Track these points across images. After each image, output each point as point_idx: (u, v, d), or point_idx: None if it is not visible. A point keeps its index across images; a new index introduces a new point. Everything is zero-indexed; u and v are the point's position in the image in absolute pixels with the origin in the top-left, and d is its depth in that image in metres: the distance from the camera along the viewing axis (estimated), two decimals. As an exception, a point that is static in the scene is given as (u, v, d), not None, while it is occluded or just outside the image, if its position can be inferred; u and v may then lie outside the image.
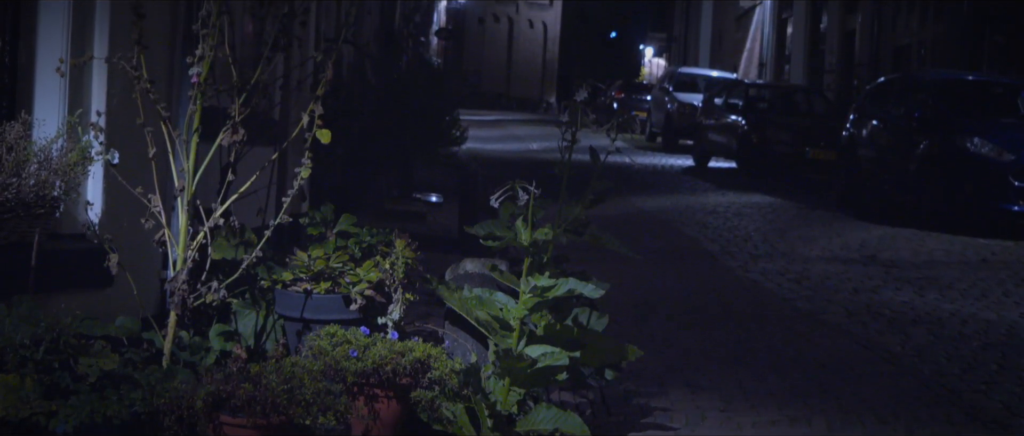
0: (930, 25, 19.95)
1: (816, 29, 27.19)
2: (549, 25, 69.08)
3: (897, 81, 15.06)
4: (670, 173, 19.30)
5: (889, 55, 21.67)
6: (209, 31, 3.75)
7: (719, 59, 37.33)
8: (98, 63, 4.12)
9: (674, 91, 26.04)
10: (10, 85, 4.11)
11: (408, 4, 20.22)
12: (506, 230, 4.02)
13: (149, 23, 3.85)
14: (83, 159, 3.90)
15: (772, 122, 18.23)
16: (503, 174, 6.13)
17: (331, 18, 11.24)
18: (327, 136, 3.93)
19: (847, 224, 12.12)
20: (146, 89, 3.77)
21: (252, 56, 4.21)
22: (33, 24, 4.12)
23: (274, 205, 4.67)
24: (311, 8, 5.28)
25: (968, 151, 11.76)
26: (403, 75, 12.29)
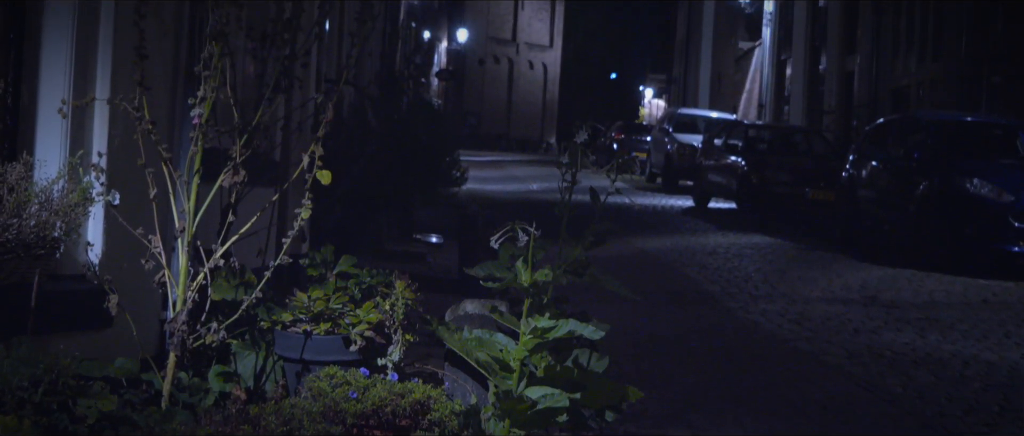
0: (928, 66, 20.04)
1: (815, 70, 27.33)
2: (549, 66, 69.42)
3: (896, 122, 15.12)
4: (670, 214, 19.31)
5: (888, 96, 21.76)
6: (211, 73, 3.77)
7: (718, 100, 37.48)
8: (100, 104, 4.14)
9: (674, 132, 26.12)
10: (12, 126, 4.12)
11: (409, 45, 20.31)
12: (506, 271, 4.02)
13: (151, 64, 3.87)
14: (84, 200, 3.90)
15: (772, 163, 18.28)
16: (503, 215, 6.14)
17: (332, 59, 11.30)
18: (327, 177, 3.93)
19: (847, 264, 12.12)
20: (148, 130, 3.79)
21: (253, 97, 4.22)
22: (36, 66, 4.14)
23: (274, 246, 4.67)
24: (312, 50, 5.30)
25: (967, 192, 11.78)
26: (404, 116, 12.32)
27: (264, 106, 4.06)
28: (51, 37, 4.13)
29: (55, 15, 4.12)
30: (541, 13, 69.18)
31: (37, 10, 4.12)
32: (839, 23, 25.07)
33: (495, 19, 66.90)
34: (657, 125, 30.86)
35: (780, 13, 30.58)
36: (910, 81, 20.96)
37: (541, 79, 69.13)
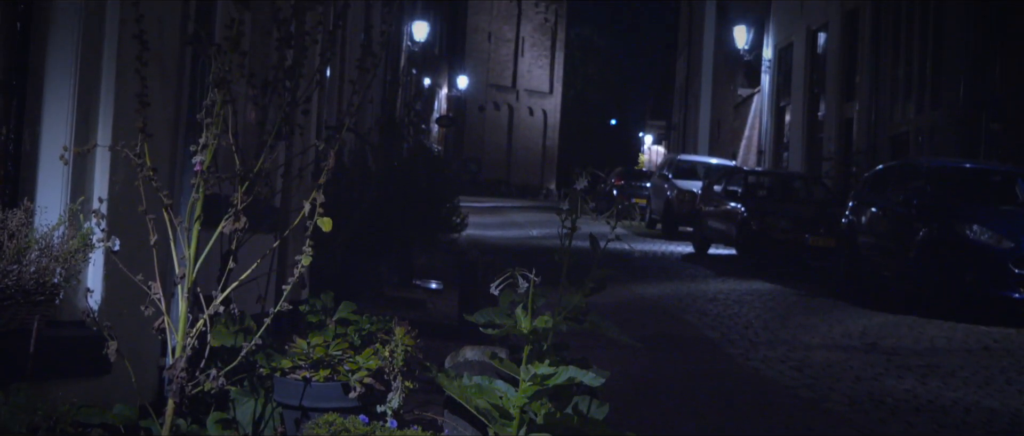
0: (927, 113, 20.11)
1: (814, 117, 27.42)
2: (549, 113, 69.70)
3: (895, 168, 15.15)
4: (670, 260, 19.30)
5: (887, 142, 21.82)
6: (213, 120, 3.79)
7: (718, 146, 37.59)
8: (101, 151, 4.15)
9: (673, 178, 26.17)
10: (14, 172, 4.13)
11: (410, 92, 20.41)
12: (506, 318, 4.02)
13: (153, 111, 3.88)
14: (84, 246, 3.91)
15: (771, 209, 18.29)
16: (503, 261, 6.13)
17: (333, 106, 11.35)
18: (328, 224, 3.94)
19: (848, 311, 12.10)
20: (149, 177, 3.80)
21: (254, 144, 4.23)
22: (38, 112, 4.16)
23: (274, 292, 4.67)
24: (313, 97, 5.33)
25: (967, 238, 11.78)
26: (404, 162, 12.35)
27: (265, 153, 4.07)
28: (54, 84, 4.15)
29: (58, 62, 4.15)
30: (541, 60, 69.56)
31: (40, 57, 4.15)
32: (838, 70, 25.19)
33: (495, 66, 67.27)
34: (657, 171, 30.92)
35: (779, 60, 30.75)
36: (909, 128, 21.02)
37: (541, 125, 69.38)
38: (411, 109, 15.77)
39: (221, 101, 3.79)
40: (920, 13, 20.73)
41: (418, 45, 31.69)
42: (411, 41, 30.29)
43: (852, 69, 24.32)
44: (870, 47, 22.87)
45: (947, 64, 19.06)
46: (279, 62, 4.24)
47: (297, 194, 5.32)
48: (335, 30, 4.48)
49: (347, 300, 4.78)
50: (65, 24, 4.14)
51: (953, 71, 18.64)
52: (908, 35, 21.30)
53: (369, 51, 4.37)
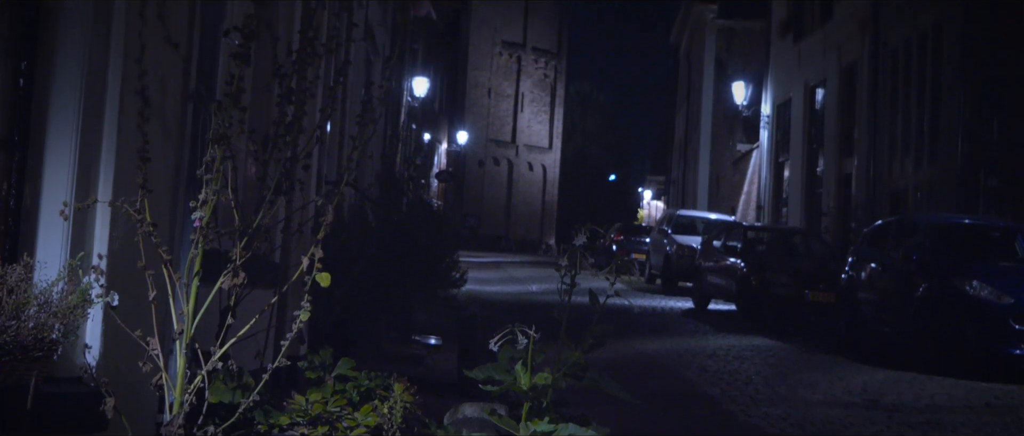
0: (925, 169, 20.18)
1: (813, 172, 27.51)
2: (548, 168, 69.90)
3: (894, 224, 15.17)
4: (670, 316, 19.26)
5: (886, 198, 21.87)
6: (212, 176, 3.80)
7: (717, 202, 37.66)
8: (101, 206, 4.16)
9: (673, 233, 26.19)
10: (14, 228, 4.14)
11: (409, 147, 20.48)
12: (505, 374, 4.00)
13: (154, 167, 3.90)
14: (83, 302, 3.90)
15: (771, 264, 18.28)
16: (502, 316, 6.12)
17: (333, 161, 11.39)
18: (327, 279, 3.93)
19: (848, 367, 12.05)
20: (149, 232, 3.80)
21: (254, 199, 4.24)
22: (39, 168, 4.17)
23: (273, 348, 4.65)
24: (314, 152, 5.35)
25: (967, 294, 11.77)
26: (404, 217, 12.37)
27: (265, 208, 4.08)
28: (55, 140, 4.17)
29: (60, 118, 4.16)
30: (540, 115, 69.89)
31: (42, 113, 4.17)
32: (836, 126, 25.31)
33: (495, 121, 67.56)
34: (656, 226, 30.95)
35: (777, 116, 30.90)
36: (907, 183, 21.09)
37: (540, 181, 69.55)
38: (411, 164, 15.82)
39: (221, 157, 3.80)
40: (917, 69, 20.87)
41: (418, 100, 31.84)
42: (411, 96, 30.45)
43: (850, 125, 24.44)
44: (868, 103, 23.00)
45: (945, 120, 19.16)
46: (280, 117, 4.26)
47: (297, 249, 5.32)
48: (336, 86, 4.50)
49: (346, 356, 4.75)
50: (68, 80, 4.17)
51: (951, 127, 18.73)
52: (906, 91, 21.42)
53: (369, 107, 4.39)
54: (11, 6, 4.11)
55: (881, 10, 22.81)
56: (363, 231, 10.71)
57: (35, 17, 4.16)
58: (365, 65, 14.86)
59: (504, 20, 67.84)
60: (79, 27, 4.19)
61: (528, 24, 69.15)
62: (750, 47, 37.27)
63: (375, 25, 15.50)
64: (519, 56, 68.75)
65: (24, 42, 4.16)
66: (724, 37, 39.26)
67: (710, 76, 39.25)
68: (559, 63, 70.88)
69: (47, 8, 4.18)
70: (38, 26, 4.17)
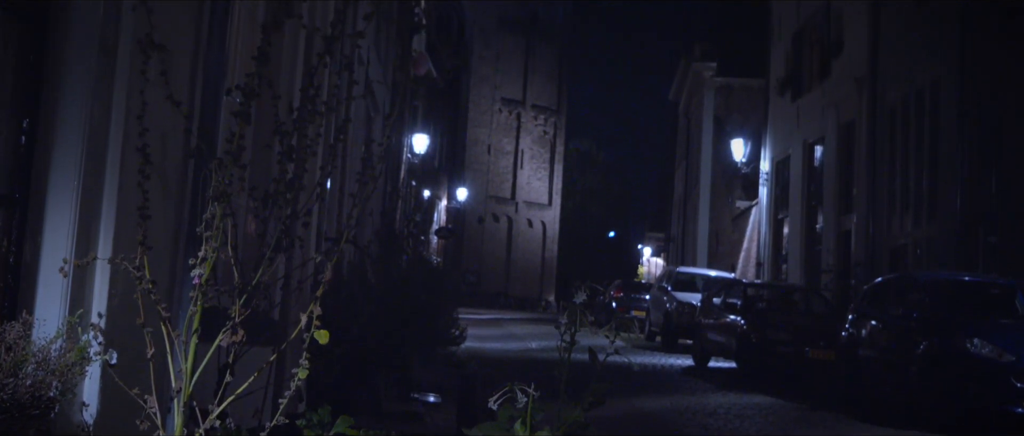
0: (924, 226, 20.21)
1: (812, 229, 27.54)
2: (548, 224, 69.94)
3: (894, 281, 15.16)
4: (670, 373, 19.18)
5: (885, 255, 21.87)
6: (212, 233, 3.80)
7: (717, 258, 37.65)
8: (101, 263, 4.16)
9: (673, 290, 26.14)
10: (14, 285, 4.14)
11: (409, 204, 20.52)
12: (504, 433, 3.98)
13: (154, 224, 3.90)
14: (81, 360, 3.89)
15: (771, 322, 18.23)
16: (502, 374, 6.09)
17: (333, 217, 11.40)
18: (325, 337, 3.93)
19: (850, 426, 11.98)
20: (148, 290, 3.80)
21: (254, 256, 4.24)
22: (39, 225, 4.18)
23: (271, 405, 4.62)
24: (313, 210, 5.36)
25: (968, 352, 11.72)
26: (403, 274, 12.36)
27: (264, 266, 4.08)
28: (56, 198, 4.18)
29: (61, 176, 4.18)
30: (540, 172, 70.05)
31: (43, 171, 4.19)
32: (835, 183, 25.38)
33: (495, 178, 67.71)
34: (656, 283, 30.90)
35: (776, 173, 30.99)
36: (907, 240, 21.10)
37: (540, 237, 69.55)
38: (411, 220, 15.84)
39: (221, 215, 3.81)
40: (915, 127, 20.98)
41: (418, 157, 31.96)
42: (411, 153, 30.56)
43: (849, 182, 24.51)
44: (866, 160, 23.08)
45: (943, 177, 19.23)
46: (280, 175, 4.27)
47: (296, 306, 5.31)
48: (336, 144, 4.52)
49: (344, 414, 4.73)
50: (69, 138, 4.19)
51: (949, 184, 18.79)
52: (904, 148, 21.51)
53: (369, 165, 4.41)
54: (15, 64, 4.15)
55: (878, 68, 22.98)
56: (362, 288, 10.70)
57: (38, 75, 4.19)
58: (366, 121, 14.93)
59: (504, 77, 68.26)
60: (81, 85, 4.22)
61: (528, 81, 69.55)
62: (749, 104, 37.47)
63: (375, 82, 15.59)
64: (519, 113, 69.08)
65: (26, 99, 4.19)
66: (723, 94, 39.49)
67: (709, 133, 39.42)
68: (558, 120, 71.20)
69: (50, 67, 4.21)
70: (41, 84, 4.20)
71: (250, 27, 6.56)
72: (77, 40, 4.20)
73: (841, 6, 25.76)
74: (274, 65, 6.54)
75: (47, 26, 4.18)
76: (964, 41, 18.69)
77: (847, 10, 25.26)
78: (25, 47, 4.18)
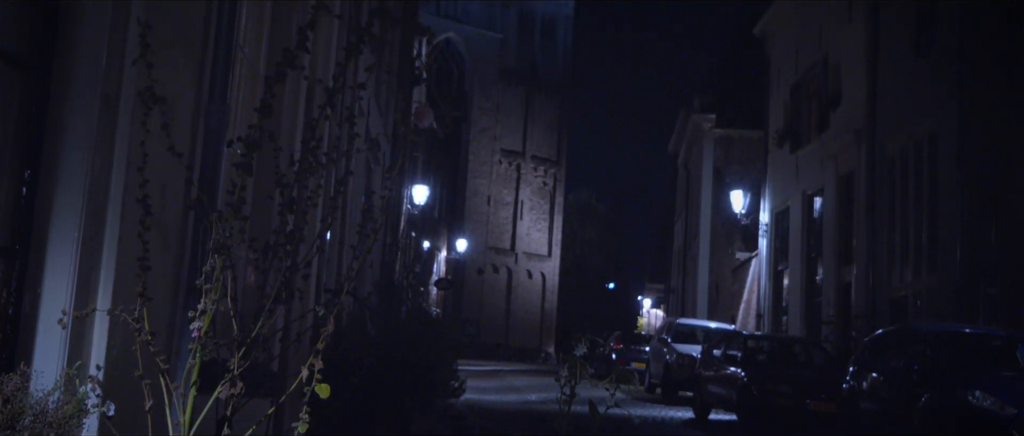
0: (924, 277, 20.18)
1: (812, 281, 27.50)
2: (548, 276, 69.86)
3: (895, 333, 15.12)
4: (670, 426, 19.06)
5: (886, 307, 21.83)
6: (212, 285, 3.80)
7: (717, 310, 37.58)
8: (100, 315, 4.15)
9: (673, 342, 26.06)
10: (12, 336, 4.12)
11: (409, 255, 20.51)
12: (504, 486, 3.96)
13: (153, 275, 3.90)
14: (79, 412, 3.87)
15: (772, 374, 18.15)
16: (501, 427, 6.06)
17: (333, 269, 11.39)
18: (326, 391, 3.91)
19: (852, 479, 11.89)
20: (146, 342, 3.79)
21: (253, 307, 4.23)
22: (39, 276, 4.17)
23: (269, 459, 4.60)
24: (313, 262, 5.36)
25: (970, 404, 11.67)
26: (402, 326, 12.33)
27: (264, 318, 4.07)
28: (56, 249, 4.18)
29: (62, 227, 4.18)
30: (540, 223, 70.10)
31: (44, 222, 4.19)
32: (834, 234, 25.39)
33: (494, 229, 67.75)
34: (656, 335, 30.82)
35: (776, 224, 31.01)
36: (907, 292, 21.07)
37: (540, 288, 69.45)
38: (410, 272, 15.84)
39: (221, 267, 3.81)
40: (914, 178, 21.02)
41: (418, 208, 32.01)
42: (411, 204, 30.61)
43: (849, 233, 24.52)
44: (866, 212, 23.11)
45: (943, 229, 19.24)
46: (280, 226, 4.27)
47: (294, 358, 5.29)
48: (337, 196, 4.53)
49: (343, 467, 4.70)
50: (71, 189, 4.20)
51: (949, 236, 18.80)
52: (903, 200, 21.55)
53: (370, 217, 4.41)
54: (18, 115, 4.16)
55: (877, 120, 23.07)
56: (362, 340, 10.67)
57: (41, 127, 4.21)
58: (366, 172, 14.97)
59: (504, 128, 68.53)
60: (83, 136, 4.24)
61: (527, 132, 69.81)
62: (748, 155, 37.58)
63: (376, 133, 15.65)
64: (518, 164, 69.27)
65: (29, 150, 4.20)
66: (722, 146, 39.62)
67: (708, 184, 39.51)
68: (558, 171, 71.38)
69: (53, 118, 4.23)
70: (43, 135, 4.22)
71: (251, 79, 6.60)
72: (80, 92, 4.23)
73: (839, 59, 25.92)
74: (275, 116, 6.57)
75: (51, 78, 4.21)
76: (962, 93, 18.80)
77: (845, 63, 25.42)
78: (29, 98, 4.20)
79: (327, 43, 8.93)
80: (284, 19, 7.17)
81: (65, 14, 4.13)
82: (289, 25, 7.08)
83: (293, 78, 6.37)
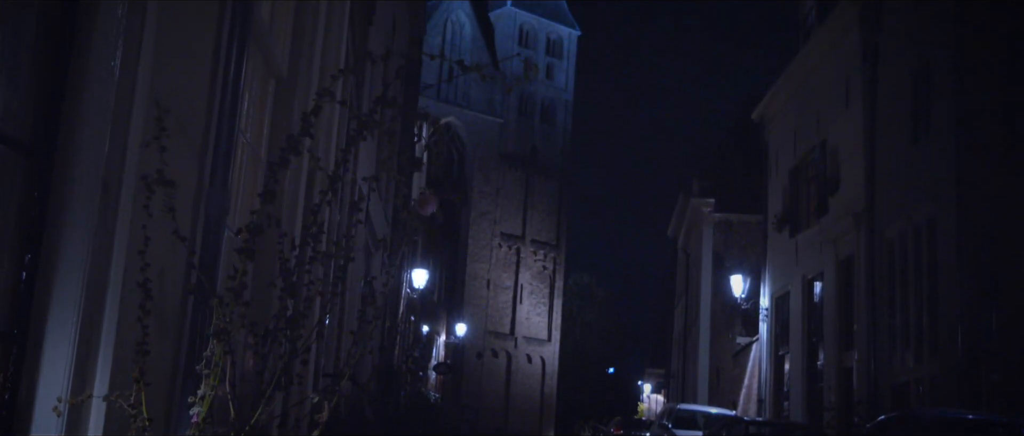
0: (926, 363, 20.07)
1: (813, 366, 27.36)
2: (547, 360, 69.53)
3: (897, 420, 14.99)
4: (672, 512, 18.83)
5: (888, 392, 21.68)
6: (211, 371, 3.78)
7: (717, 395, 37.34)
8: (96, 401, 4.11)
9: (673, 428, 25.86)
10: (8, 424, 4.08)
11: (408, 340, 20.44)
12: None
13: (151, 360, 3.88)
14: (73, 501, 3.82)
15: (774, 460, 17.98)
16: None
17: (331, 354, 11.34)
18: (324, 478, 3.87)
19: None
20: (143, 427, 3.76)
21: (251, 393, 4.21)
22: (37, 361, 4.15)
23: None
24: (312, 347, 5.33)
25: (975, 492, 11.55)
26: (401, 410, 12.25)
27: (263, 405, 4.04)
28: (54, 333, 4.16)
29: (60, 311, 4.17)
30: (539, 307, 69.96)
31: (43, 306, 4.18)
32: (835, 319, 25.31)
33: (494, 313, 67.60)
34: (656, 420, 30.59)
35: (776, 309, 30.93)
36: (909, 377, 20.94)
37: (539, 373, 69.09)
38: (409, 356, 15.76)
39: (220, 352, 3.80)
40: (913, 263, 21.02)
41: (417, 292, 31.94)
42: (410, 288, 30.55)
43: (849, 318, 24.45)
44: (866, 297, 23.07)
45: (943, 314, 19.18)
46: (281, 311, 4.26)
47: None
48: (337, 281, 4.52)
49: None
50: (70, 274, 4.19)
51: (950, 321, 18.73)
52: (903, 284, 21.52)
53: (370, 302, 4.40)
54: (20, 199, 4.17)
55: (875, 204, 23.14)
56: (360, 426, 10.58)
57: (42, 211, 4.22)
58: (365, 256, 14.97)
59: (503, 212, 68.75)
60: (84, 220, 4.24)
61: (527, 216, 70.02)
62: (748, 239, 37.64)
63: (375, 217, 15.68)
64: (518, 248, 69.36)
65: (30, 234, 4.20)
66: (722, 230, 39.69)
67: (708, 268, 39.50)
68: (558, 255, 71.44)
69: (54, 202, 4.24)
70: (44, 219, 4.22)
71: (253, 164, 6.62)
72: (81, 177, 4.24)
73: (837, 143, 26.08)
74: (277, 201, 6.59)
75: (53, 164, 4.23)
76: (960, 176, 18.88)
77: (843, 147, 25.57)
78: (31, 183, 4.22)
79: (329, 127, 8.98)
80: (287, 104, 7.22)
81: (70, 100, 4.16)
82: (291, 110, 7.13)
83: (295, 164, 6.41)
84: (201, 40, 4.99)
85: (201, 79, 4.97)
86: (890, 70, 22.88)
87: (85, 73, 4.07)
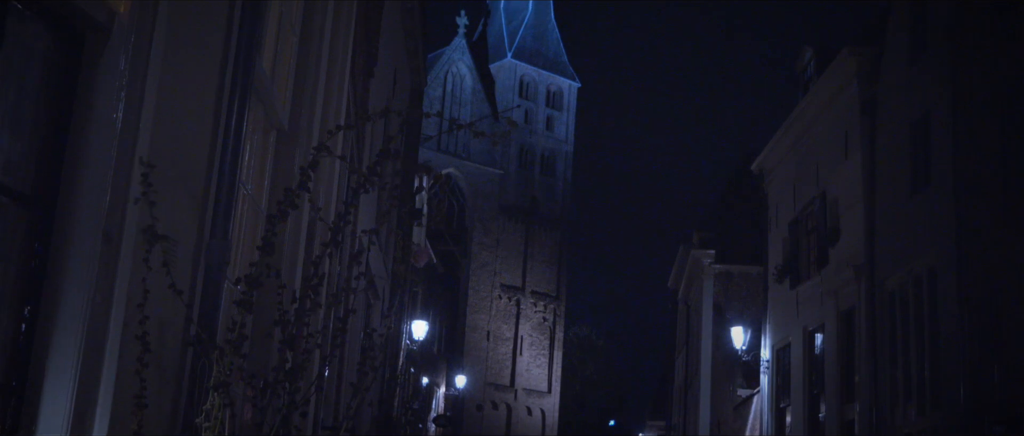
0: (928, 415, 19.96)
1: (815, 418, 27.21)
2: (547, 412, 69.16)
3: (900, 472, 14.90)
4: None
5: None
6: (210, 423, 3.76)
7: (719, 448, 37.08)
8: (95, 454, 4.09)
9: (675, 480, 25.69)
10: (5, 479, 4.06)
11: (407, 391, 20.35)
12: None
13: (150, 413, 3.87)
14: None
15: (776, 514, 17.83)
16: None
17: (330, 405, 11.29)
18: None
19: None
20: (141, 482, 3.73)
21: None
22: (34, 415, 4.13)
23: None
24: (311, 399, 5.31)
25: None
26: (400, 464, 12.16)
27: (261, 457, 4.02)
28: (52, 386, 4.14)
29: (59, 364, 4.15)
30: (539, 359, 69.72)
31: (41, 359, 4.17)
32: (836, 371, 25.21)
33: (493, 365, 67.36)
34: (658, 473, 30.37)
35: (777, 361, 30.82)
36: (911, 430, 20.81)
37: (539, 425, 68.69)
38: (408, 409, 15.68)
39: (220, 405, 3.78)
40: (915, 315, 20.97)
41: (417, 343, 31.85)
42: (410, 340, 30.46)
43: (851, 370, 24.35)
44: (867, 348, 22.99)
45: (945, 365, 19.11)
46: (280, 363, 4.25)
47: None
48: (336, 334, 4.51)
49: None
50: (69, 327, 4.18)
51: (952, 372, 18.66)
52: (904, 336, 21.46)
53: (369, 355, 4.39)
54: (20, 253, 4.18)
55: (875, 256, 23.13)
56: (359, 478, 10.50)
57: (42, 264, 4.22)
58: (365, 309, 14.94)
59: (503, 264, 68.74)
60: (84, 273, 4.24)
61: (527, 267, 69.98)
62: (748, 291, 37.59)
63: (375, 268, 15.67)
64: (518, 299, 69.27)
65: (30, 287, 4.20)
66: (722, 282, 39.63)
67: (709, 320, 39.39)
68: (558, 306, 71.32)
69: (54, 254, 4.24)
70: (45, 272, 4.22)
71: (254, 214, 6.63)
72: (82, 229, 4.25)
73: (836, 195, 26.12)
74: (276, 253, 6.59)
75: (54, 216, 4.23)
76: (959, 227, 18.89)
77: (842, 199, 25.61)
78: (31, 235, 4.22)
79: (330, 178, 9.00)
80: (288, 155, 7.24)
81: (71, 153, 4.18)
82: (293, 161, 7.15)
83: (294, 215, 6.42)
84: (203, 92, 5.01)
85: (203, 132, 4.99)
86: (889, 122, 22.98)
87: (87, 125, 4.09)
